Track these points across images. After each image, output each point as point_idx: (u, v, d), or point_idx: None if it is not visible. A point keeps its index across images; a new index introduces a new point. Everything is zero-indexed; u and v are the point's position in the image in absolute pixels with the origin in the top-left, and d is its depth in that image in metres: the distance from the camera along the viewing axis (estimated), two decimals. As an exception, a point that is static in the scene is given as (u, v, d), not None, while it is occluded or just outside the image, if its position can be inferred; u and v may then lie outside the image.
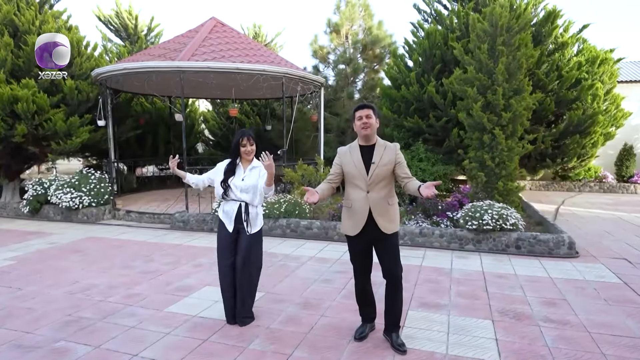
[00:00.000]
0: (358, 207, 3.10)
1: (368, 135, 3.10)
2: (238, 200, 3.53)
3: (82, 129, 9.34)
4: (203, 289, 4.59)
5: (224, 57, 8.42)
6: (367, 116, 3.08)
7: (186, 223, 7.79)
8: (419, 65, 10.18)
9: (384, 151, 3.12)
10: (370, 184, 3.08)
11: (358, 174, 3.11)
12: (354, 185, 3.14)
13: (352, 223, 3.14)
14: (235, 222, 3.53)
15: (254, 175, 3.55)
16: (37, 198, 8.87)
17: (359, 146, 3.18)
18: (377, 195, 3.09)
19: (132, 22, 14.28)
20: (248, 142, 3.53)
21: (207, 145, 16.27)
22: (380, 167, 3.08)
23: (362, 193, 3.10)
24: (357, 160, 3.12)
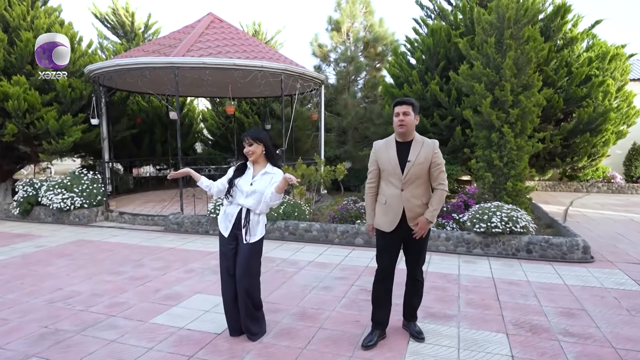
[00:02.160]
0: (392, 204, 3.05)
1: (404, 133, 3.00)
2: (240, 205, 3.24)
3: (74, 128, 9.05)
4: (193, 297, 4.28)
5: (221, 53, 8.12)
6: (405, 113, 2.95)
7: (180, 225, 7.48)
8: (422, 62, 9.86)
9: (421, 148, 3.00)
10: (405, 183, 3.01)
11: (392, 172, 3.03)
12: (389, 181, 3.08)
13: (387, 219, 3.06)
14: (233, 228, 3.24)
15: (265, 181, 3.24)
16: (28, 199, 8.58)
17: (395, 142, 3.07)
18: (412, 194, 3.02)
19: (128, 19, 13.99)
20: (247, 143, 3.23)
21: (205, 144, 15.97)
22: (415, 165, 2.98)
23: (396, 190, 3.03)
24: (392, 157, 3.03)
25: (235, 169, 3.34)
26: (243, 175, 3.29)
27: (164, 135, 12.94)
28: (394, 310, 3.42)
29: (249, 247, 3.19)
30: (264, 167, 3.29)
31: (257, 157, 3.25)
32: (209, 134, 15.66)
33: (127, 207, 9.10)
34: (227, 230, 3.26)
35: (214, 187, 3.37)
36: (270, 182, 3.21)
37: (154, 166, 14.21)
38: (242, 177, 3.27)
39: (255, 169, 3.30)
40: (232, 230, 3.24)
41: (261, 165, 3.31)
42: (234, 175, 3.29)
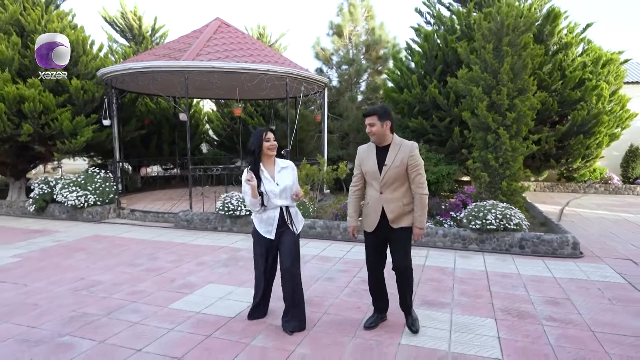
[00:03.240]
0: (373, 206, 3.20)
1: (376, 140, 3.17)
2: (278, 205, 3.35)
3: (87, 129, 9.40)
4: (206, 286, 4.61)
5: (229, 57, 8.46)
6: (370, 124, 3.12)
7: (190, 222, 7.82)
8: (421, 67, 10.19)
9: (398, 152, 3.12)
10: (383, 185, 3.14)
11: (373, 175, 3.17)
12: (370, 184, 3.24)
13: (369, 220, 3.23)
14: (277, 228, 3.37)
15: (287, 175, 3.36)
16: (43, 197, 8.93)
17: (375, 146, 3.22)
18: (391, 197, 3.14)
19: (136, 22, 14.35)
20: (273, 135, 3.34)
21: (211, 145, 16.32)
22: (392, 169, 3.10)
23: (376, 193, 3.18)
24: (372, 161, 3.17)
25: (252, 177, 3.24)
26: (262, 180, 3.30)
27: (172, 136, 13.29)
28: (394, 297, 3.73)
29: (296, 237, 3.41)
30: (274, 164, 3.38)
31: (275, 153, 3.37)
32: (215, 135, 16.02)
33: (137, 204, 9.45)
34: (272, 234, 3.36)
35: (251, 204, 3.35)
36: (292, 175, 3.37)
37: (161, 166, 14.57)
38: (263, 183, 3.30)
39: (269, 168, 3.36)
40: (277, 231, 3.36)
41: (271, 161, 3.39)
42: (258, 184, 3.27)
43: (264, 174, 3.33)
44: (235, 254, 5.98)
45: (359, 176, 3.32)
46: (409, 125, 9.87)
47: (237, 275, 5.01)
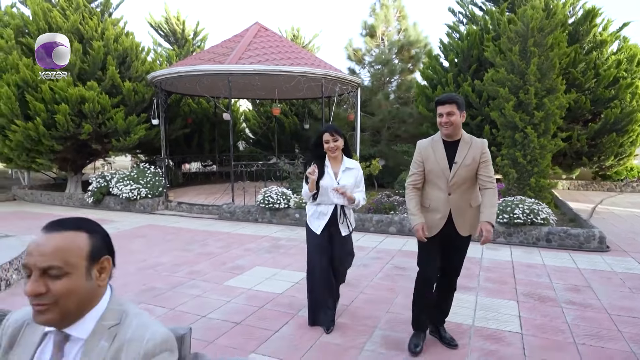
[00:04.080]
0: (438, 209, 2.86)
1: (450, 134, 2.78)
2: (332, 204, 3.27)
3: (138, 127, 10.24)
4: (254, 268, 5.17)
5: (268, 60, 9.04)
6: (449, 113, 2.71)
7: (233, 214, 8.46)
8: (455, 65, 10.44)
9: (469, 149, 2.78)
10: (452, 186, 2.80)
11: (440, 173, 2.81)
12: (434, 184, 2.87)
13: (433, 223, 2.87)
14: (327, 225, 3.29)
15: (349, 176, 3.27)
16: (100, 190, 9.82)
17: (443, 141, 2.83)
18: (460, 199, 2.83)
19: (179, 27, 15.23)
20: (331, 137, 3.20)
21: (247, 143, 17.07)
22: (462, 167, 2.77)
23: (442, 194, 2.84)
24: (440, 158, 2.80)
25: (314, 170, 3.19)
26: (324, 175, 3.25)
27: (212, 134, 14.08)
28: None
29: (349, 237, 3.40)
30: (341, 162, 3.31)
31: (339, 153, 3.29)
32: (251, 133, 16.74)
33: (182, 198, 10.21)
34: (320, 228, 3.29)
35: (304, 194, 3.36)
36: (356, 178, 3.30)
37: (201, 163, 15.43)
38: (324, 178, 3.24)
39: (334, 166, 3.30)
40: (327, 228, 3.29)
41: (338, 160, 3.31)
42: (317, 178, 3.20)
43: (327, 169, 3.28)
44: (276, 242, 6.53)
45: (419, 174, 2.91)
46: (440, 124, 10.16)
47: (280, 260, 5.56)
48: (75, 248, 1.05)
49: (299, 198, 8.06)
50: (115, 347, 1.04)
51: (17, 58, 9.31)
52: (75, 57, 9.70)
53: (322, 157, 3.29)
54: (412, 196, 2.94)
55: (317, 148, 3.29)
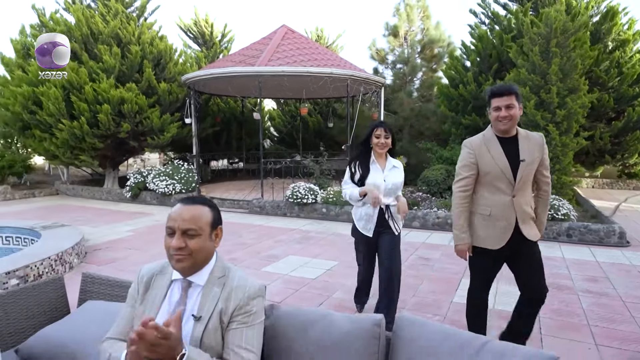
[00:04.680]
0: (501, 215, 2.50)
1: (508, 129, 2.46)
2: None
3: (172, 126, 10.82)
4: (286, 257, 5.59)
5: (296, 62, 9.45)
6: (509, 106, 2.39)
7: (262, 208, 8.91)
8: (476, 65, 10.63)
9: (530, 144, 2.50)
10: (518, 187, 2.48)
11: (500, 174, 2.46)
12: (494, 187, 2.51)
13: (496, 234, 2.51)
14: (376, 227, 3.18)
15: (395, 175, 3.19)
16: (138, 185, 10.44)
17: (496, 137, 2.51)
18: (523, 201, 2.52)
19: (208, 29, 15.80)
20: (384, 132, 3.10)
21: (272, 141, 17.57)
22: (529, 166, 2.47)
23: (505, 198, 2.49)
24: (499, 157, 2.46)
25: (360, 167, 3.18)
26: (369, 173, 3.15)
27: (239, 133, 14.60)
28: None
29: (397, 237, 3.24)
30: (386, 160, 3.22)
31: (386, 150, 3.20)
32: (275, 132, 17.23)
33: (213, 193, 10.73)
34: (371, 231, 3.18)
35: (347, 194, 3.26)
36: (401, 177, 3.22)
37: (228, 160, 16.00)
38: (370, 176, 3.13)
39: (381, 164, 3.20)
40: (376, 229, 3.18)
41: (384, 157, 3.22)
42: (363, 175, 3.15)
43: (374, 166, 3.17)
44: (306, 235, 6.94)
45: (470, 177, 2.54)
46: (463, 122, 10.38)
47: (311, 250, 5.96)
48: (204, 217, 1.45)
49: (326, 193, 8.44)
50: (226, 292, 1.44)
51: (63, 62, 9.96)
52: (115, 61, 10.32)
53: (368, 153, 3.20)
54: (463, 208, 2.54)
55: (366, 142, 3.19)
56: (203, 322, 1.39)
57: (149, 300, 1.51)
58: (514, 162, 2.45)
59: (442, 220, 7.23)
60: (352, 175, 3.21)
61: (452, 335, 1.47)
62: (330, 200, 8.25)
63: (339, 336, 1.54)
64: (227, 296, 1.43)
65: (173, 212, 1.45)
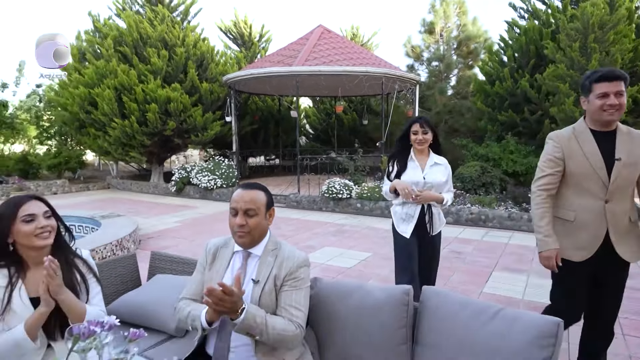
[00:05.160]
0: (589, 223, 2.14)
1: (612, 121, 2.10)
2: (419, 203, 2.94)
3: (214, 124, 11.38)
4: (323, 248, 5.90)
5: (332, 62, 9.73)
6: (618, 93, 2.01)
7: (299, 203, 9.27)
8: (514, 60, 10.51)
9: (631, 142, 2.10)
10: (613, 191, 2.10)
11: (592, 174, 2.11)
12: (583, 189, 2.16)
13: (579, 244, 2.16)
14: (416, 227, 2.96)
15: (439, 173, 2.97)
16: (182, 180, 11.07)
17: (591, 131, 2.15)
18: (619, 209, 2.12)
19: (247, 30, 16.34)
20: (420, 128, 2.90)
21: (307, 138, 17.95)
22: (627, 166, 2.08)
23: (596, 203, 2.12)
24: (592, 153, 2.11)
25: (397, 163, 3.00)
26: (406, 169, 2.95)
27: (276, 130, 15.07)
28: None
29: (437, 238, 3.09)
30: (428, 157, 3.00)
31: (426, 147, 2.99)
32: (311, 129, 17.59)
33: (252, 188, 11.20)
34: (408, 233, 2.96)
35: (383, 191, 3.14)
36: (445, 175, 2.99)
37: (265, 157, 16.52)
38: (407, 172, 2.94)
39: (421, 160, 2.98)
40: (415, 230, 2.96)
41: (425, 154, 3.01)
42: (400, 171, 2.95)
43: (412, 162, 2.97)
44: (340, 228, 7.23)
45: (555, 175, 2.19)
46: (499, 118, 10.31)
47: (345, 242, 6.24)
48: (261, 199, 1.76)
49: (360, 189, 8.69)
50: (278, 261, 1.75)
51: (116, 64, 10.73)
52: (162, 63, 10.97)
53: (407, 149, 3.01)
54: (545, 208, 2.18)
55: (404, 139, 3.01)
56: (260, 285, 1.70)
57: (216, 267, 1.84)
58: (609, 160, 2.09)
59: (475, 216, 7.32)
60: (389, 172, 3.04)
61: (470, 304, 1.71)
62: (365, 195, 8.49)
63: (373, 303, 1.82)
64: (280, 264, 1.74)
65: (235, 195, 1.77)
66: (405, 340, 1.76)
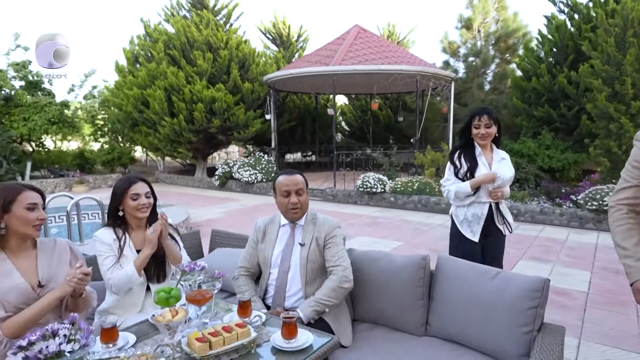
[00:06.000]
0: None
1: None
2: (486, 202, 2.73)
3: (255, 122, 12.01)
4: (357, 237, 6.31)
5: (368, 61, 10.08)
6: None
7: (335, 196, 9.72)
8: (551, 56, 10.46)
9: None
10: None
11: None
12: None
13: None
14: (483, 229, 2.74)
15: (506, 168, 2.77)
16: (225, 174, 11.78)
17: None
18: None
19: (285, 30, 16.92)
20: (482, 122, 2.66)
21: (343, 135, 18.36)
22: None
23: None
24: None
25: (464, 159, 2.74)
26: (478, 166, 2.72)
27: (313, 127, 15.57)
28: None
29: (504, 242, 2.88)
30: (492, 151, 2.79)
31: (489, 141, 2.76)
32: (347, 126, 17.98)
33: (290, 183, 11.76)
34: (477, 235, 2.75)
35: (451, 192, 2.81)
36: (510, 169, 2.80)
37: (301, 153, 17.08)
38: (480, 170, 2.71)
39: (486, 156, 2.75)
40: (483, 233, 2.75)
41: (488, 149, 2.78)
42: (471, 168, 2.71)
43: (481, 159, 2.74)
44: (374, 220, 7.61)
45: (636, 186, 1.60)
46: (535, 114, 10.32)
47: (379, 232, 6.63)
48: (303, 180, 2.21)
49: (394, 184, 9.02)
50: (317, 227, 2.19)
51: (166, 67, 11.57)
52: (207, 65, 11.71)
53: (470, 145, 2.77)
54: (630, 224, 1.60)
55: (465, 133, 2.77)
56: (306, 246, 2.16)
57: (267, 240, 2.30)
58: None
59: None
60: (457, 170, 2.76)
61: (475, 268, 2.10)
62: (398, 189, 8.81)
63: (396, 267, 2.23)
64: (319, 229, 2.19)
65: (284, 180, 2.20)
66: (422, 297, 2.17)
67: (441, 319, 2.11)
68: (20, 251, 1.73)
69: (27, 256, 1.74)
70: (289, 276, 2.17)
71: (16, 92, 11.85)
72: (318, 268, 2.16)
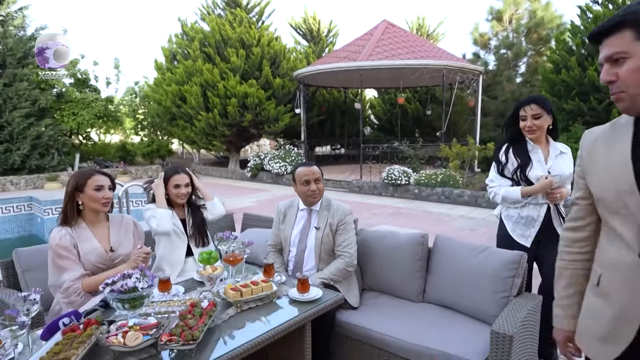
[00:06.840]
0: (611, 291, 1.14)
1: None
2: (543, 203, 2.36)
3: (285, 116, 12.49)
4: (379, 226, 6.64)
5: (394, 55, 10.31)
6: None
7: (361, 188, 10.06)
8: (583, 48, 10.32)
9: None
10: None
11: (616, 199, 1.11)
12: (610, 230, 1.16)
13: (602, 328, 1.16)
14: (538, 233, 2.37)
15: (563, 163, 2.38)
16: (256, 166, 12.35)
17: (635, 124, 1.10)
18: None
19: (315, 26, 17.27)
20: (528, 112, 2.30)
21: (372, 128, 18.58)
22: None
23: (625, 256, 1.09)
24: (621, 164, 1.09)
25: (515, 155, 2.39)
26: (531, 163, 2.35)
27: (342, 121, 15.91)
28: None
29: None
30: (548, 144, 2.41)
31: (541, 133, 2.36)
32: (375, 119, 18.19)
33: (318, 175, 12.18)
34: (529, 240, 2.39)
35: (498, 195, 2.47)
36: (570, 165, 2.39)
37: (330, 146, 17.46)
38: (534, 167, 2.34)
39: (543, 150, 2.38)
40: (536, 237, 2.38)
41: (542, 142, 2.40)
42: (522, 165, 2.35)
43: (535, 155, 2.38)
44: (397, 210, 7.92)
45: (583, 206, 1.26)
46: (565, 107, 10.24)
47: (401, 221, 6.95)
48: (319, 170, 2.58)
49: (418, 176, 9.26)
50: (331, 212, 2.57)
51: (201, 64, 12.20)
52: (240, 62, 12.25)
53: (519, 139, 2.42)
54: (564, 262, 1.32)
55: (511, 127, 2.43)
56: (321, 230, 2.55)
57: (287, 222, 2.70)
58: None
59: (529, 202, 7.60)
60: (503, 166, 2.43)
61: (467, 245, 2.45)
62: (422, 182, 9.06)
63: (399, 243, 2.59)
64: (333, 215, 2.56)
65: (304, 170, 2.56)
66: (421, 269, 2.52)
67: (436, 288, 2.47)
68: (96, 222, 2.20)
69: (101, 227, 2.22)
70: (305, 254, 2.55)
71: (66, 89, 12.84)
72: (330, 249, 2.52)
